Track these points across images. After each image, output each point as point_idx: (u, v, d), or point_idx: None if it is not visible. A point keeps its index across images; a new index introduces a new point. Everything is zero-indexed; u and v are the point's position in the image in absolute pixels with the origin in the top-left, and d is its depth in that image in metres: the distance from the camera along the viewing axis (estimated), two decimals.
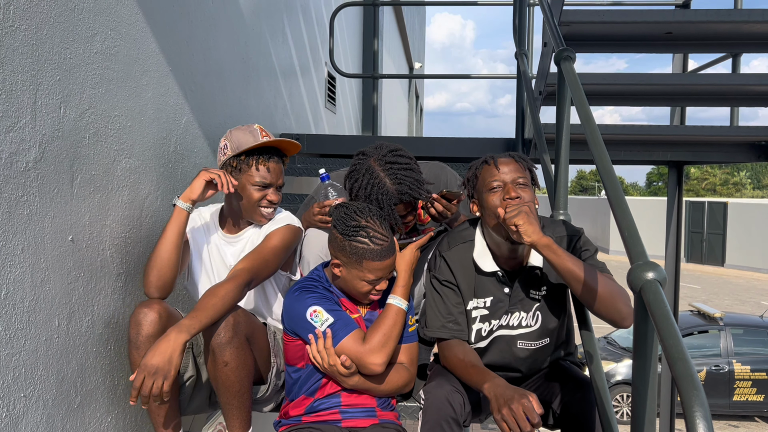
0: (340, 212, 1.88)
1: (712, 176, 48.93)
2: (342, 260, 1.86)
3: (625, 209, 1.45)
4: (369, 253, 1.82)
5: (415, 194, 1.97)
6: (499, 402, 1.60)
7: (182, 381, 1.94)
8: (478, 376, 1.75)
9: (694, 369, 1.03)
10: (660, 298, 1.17)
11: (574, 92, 1.96)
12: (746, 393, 10.00)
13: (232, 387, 1.82)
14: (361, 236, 1.82)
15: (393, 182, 1.95)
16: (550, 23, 2.43)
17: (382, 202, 1.94)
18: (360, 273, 1.85)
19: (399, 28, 11.52)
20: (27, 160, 1.56)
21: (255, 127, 2.03)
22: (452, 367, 1.88)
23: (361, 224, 1.83)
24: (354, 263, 1.84)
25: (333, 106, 5.93)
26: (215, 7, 2.84)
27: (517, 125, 3.72)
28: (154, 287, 1.90)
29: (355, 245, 1.82)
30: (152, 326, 1.80)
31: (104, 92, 1.91)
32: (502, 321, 1.93)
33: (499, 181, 1.84)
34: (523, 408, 1.55)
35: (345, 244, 1.83)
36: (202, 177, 1.95)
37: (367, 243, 1.82)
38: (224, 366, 1.79)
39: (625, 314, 1.71)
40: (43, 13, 1.61)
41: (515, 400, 1.57)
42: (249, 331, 1.87)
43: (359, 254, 1.82)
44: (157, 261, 1.90)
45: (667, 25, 2.79)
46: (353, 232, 1.82)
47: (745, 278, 22.38)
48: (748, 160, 3.68)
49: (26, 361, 1.59)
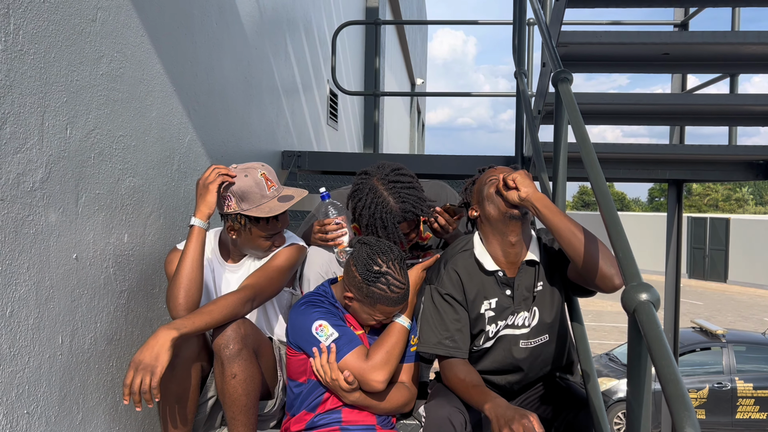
0: (363, 252, 1.88)
1: (714, 192, 48.90)
2: (355, 296, 1.90)
3: (619, 230, 1.47)
4: (385, 300, 1.86)
5: (417, 212, 2.00)
6: (500, 422, 1.62)
7: (204, 399, 1.96)
8: (479, 397, 1.76)
9: (685, 390, 1.05)
10: (653, 319, 1.19)
11: (571, 114, 1.99)
12: (749, 411, 9.93)
13: (239, 400, 1.83)
14: (381, 283, 1.84)
15: (396, 201, 1.98)
16: (548, 45, 2.47)
17: (386, 221, 1.97)
18: (370, 311, 1.90)
19: (401, 45, 11.63)
20: (34, 180, 1.60)
21: (260, 177, 1.97)
22: (453, 386, 1.89)
23: (382, 270, 1.85)
24: (367, 304, 1.88)
25: (335, 123, 5.99)
26: (219, 28, 2.89)
27: (517, 143, 3.76)
28: (183, 308, 1.86)
29: (373, 290, 1.85)
30: (190, 349, 1.83)
31: (109, 113, 1.94)
32: (508, 321, 1.96)
33: (497, 175, 1.94)
34: (524, 428, 1.57)
35: (363, 286, 1.86)
36: (212, 189, 1.92)
37: (385, 290, 1.85)
38: (232, 378, 1.80)
39: (615, 272, 1.77)
40: (50, 37, 1.65)
41: (516, 421, 1.59)
42: (256, 344, 1.89)
43: (375, 298, 1.86)
44: (184, 281, 1.87)
45: (665, 47, 2.84)
46: (374, 278, 1.84)
47: (747, 295, 22.29)
48: (747, 178, 3.71)
49: (30, 378, 1.61)
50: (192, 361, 1.83)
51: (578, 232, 1.77)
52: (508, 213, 1.85)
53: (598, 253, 1.76)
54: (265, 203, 1.96)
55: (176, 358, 1.78)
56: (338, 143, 6.23)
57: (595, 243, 1.77)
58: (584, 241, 1.76)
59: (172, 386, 1.82)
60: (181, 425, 1.87)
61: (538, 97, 3.26)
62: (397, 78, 11.22)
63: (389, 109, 9.73)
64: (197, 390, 1.90)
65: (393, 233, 1.98)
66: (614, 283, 1.77)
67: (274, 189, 2.00)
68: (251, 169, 1.99)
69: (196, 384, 1.88)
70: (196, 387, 1.88)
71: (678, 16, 4.69)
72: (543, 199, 1.82)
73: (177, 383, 1.82)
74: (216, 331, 1.82)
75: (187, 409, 1.87)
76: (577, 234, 1.77)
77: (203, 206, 1.92)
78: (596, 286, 1.82)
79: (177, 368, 1.80)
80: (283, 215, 2.02)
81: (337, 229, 2.15)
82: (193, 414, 1.90)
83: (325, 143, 5.61)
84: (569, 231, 1.78)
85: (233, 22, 3.11)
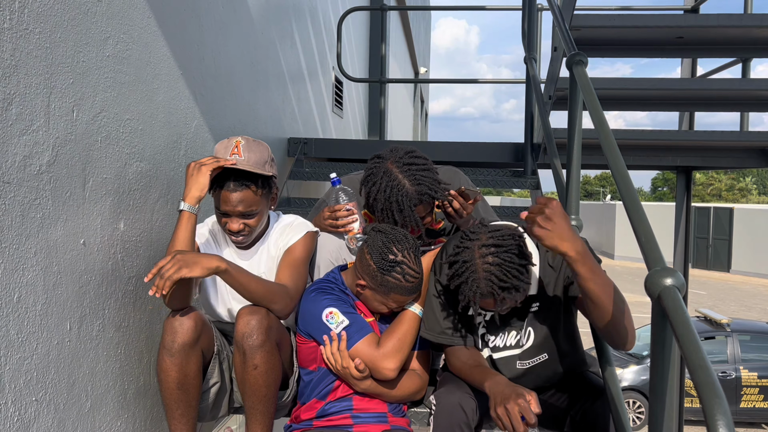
0: (378, 241, 1.84)
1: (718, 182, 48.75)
2: (368, 284, 1.86)
3: (641, 215, 1.44)
4: (399, 289, 1.83)
5: (434, 194, 1.97)
6: (496, 400, 1.58)
7: (207, 387, 1.93)
8: (480, 375, 1.72)
9: (715, 376, 1.02)
10: (679, 304, 1.16)
11: (587, 96, 1.95)
12: (753, 400, 9.93)
13: (260, 391, 1.81)
14: (396, 272, 1.81)
15: (412, 183, 1.94)
16: (561, 28, 2.42)
17: (402, 204, 1.93)
18: (383, 300, 1.87)
19: (405, 33, 11.54)
20: (40, 163, 1.56)
21: (233, 143, 1.91)
22: (457, 371, 1.84)
23: (398, 260, 1.82)
24: (380, 292, 1.85)
25: (340, 110, 5.94)
26: (225, 11, 2.84)
27: (526, 130, 3.71)
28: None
29: (388, 279, 1.82)
30: (188, 334, 1.79)
31: (116, 96, 1.91)
32: (498, 341, 1.88)
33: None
34: (520, 407, 1.53)
35: (377, 275, 1.83)
36: (205, 171, 1.85)
37: (400, 280, 1.82)
38: (254, 369, 1.78)
39: (631, 339, 1.67)
40: (56, 17, 1.61)
41: (512, 399, 1.54)
42: (279, 336, 1.86)
43: (389, 287, 1.83)
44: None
45: (679, 30, 2.79)
46: (389, 267, 1.81)
47: (751, 284, 22.26)
48: (759, 165, 3.67)
49: (38, 365, 1.58)
50: (190, 346, 1.79)
51: (614, 302, 1.58)
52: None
53: (623, 321, 1.62)
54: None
55: (174, 343, 1.78)
56: (343, 131, 6.18)
57: (624, 311, 1.62)
58: (615, 311, 1.60)
59: (172, 372, 1.79)
60: (185, 412, 1.84)
61: (548, 83, 3.21)
62: (401, 67, 11.15)
63: (393, 98, 9.67)
64: (199, 376, 1.86)
65: (409, 216, 1.94)
66: (625, 349, 1.71)
67: (235, 156, 1.89)
68: (236, 136, 1.96)
69: (196, 370, 1.84)
70: (197, 373, 1.85)
71: (688, 1, 4.62)
72: (585, 256, 1.54)
73: (176, 369, 1.79)
74: (240, 320, 1.79)
75: (190, 395, 1.84)
76: (613, 305, 1.59)
77: (194, 188, 1.84)
78: (607, 341, 1.75)
79: (176, 354, 1.78)
80: (234, 196, 1.86)
81: (348, 215, 2.11)
82: (196, 401, 1.87)
83: (331, 131, 5.57)
84: (607, 300, 1.57)
85: (240, 6, 3.06)
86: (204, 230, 2.09)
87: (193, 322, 1.80)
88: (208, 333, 1.89)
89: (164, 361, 1.79)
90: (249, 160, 1.90)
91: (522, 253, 1.67)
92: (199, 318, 1.83)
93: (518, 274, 1.64)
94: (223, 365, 1.97)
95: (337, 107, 5.77)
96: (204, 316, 1.88)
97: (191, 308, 1.85)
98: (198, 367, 1.85)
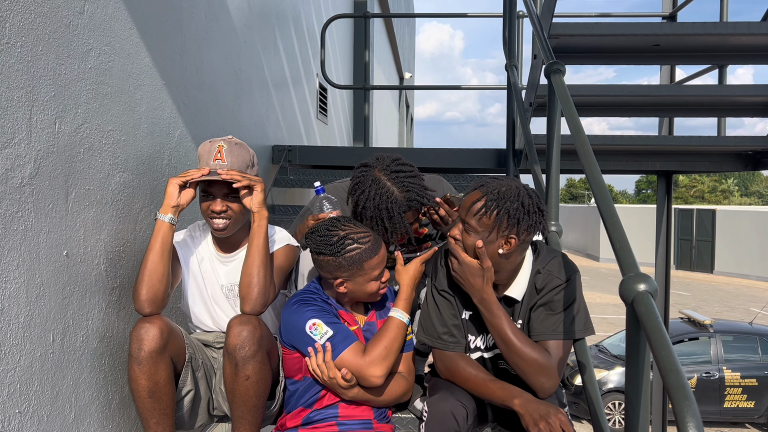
0: (315, 238, 1.89)
1: (701, 184, 49.32)
2: (343, 276, 1.88)
3: (615, 221, 1.47)
4: (365, 254, 1.85)
5: (422, 200, 2.00)
6: (534, 417, 1.64)
7: (180, 396, 1.94)
8: (502, 392, 1.76)
9: (685, 380, 1.05)
10: (651, 309, 1.19)
11: (564, 105, 1.99)
12: (737, 400, 10.05)
13: (250, 401, 1.82)
14: (349, 244, 1.85)
15: (401, 190, 1.97)
16: (539, 36, 2.46)
17: (391, 211, 1.95)
18: (365, 276, 1.88)
19: (389, 39, 11.59)
20: (22, 175, 1.57)
21: (215, 147, 1.96)
22: (463, 381, 1.85)
23: (341, 234, 1.86)
24: (356, 271, 1.86)
25: (325, 117, 5.96)
26: (208, 21, 2.86)
27: (508, 136, 3.76)
28: (145, 301, 1.86)
29: (350, 256, 1.84)
30: (154, 341, 1.79)
31: (98, 107, 1.91)
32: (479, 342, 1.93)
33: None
34: (560, 422, 1.61)
35: (339, 260, 1.85)
36: (172, 182, 1.92)
37: (359, 247, 1.85)
38: (245, 380, 1.79)
39: (545, 388, 1.74)
40: (38, 30, 1.62)
41: (552, 415, 1.62)
42: (269, 346, 1.88)
43: (357, 261, 1.85)
44: (145, 275, 1.87)
45: (655, 38, 2.84)
46: (340, 246, 1.84)
47: (734, 285, 22.53)
48: (735, 169, 3.74)
49: (21, 377, 1.59)
50: (158, 353, 1.79)
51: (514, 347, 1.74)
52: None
53: (532, 372, 1.74)
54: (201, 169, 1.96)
55: (140, 351, 1.78)
56: (328, 137, 6.20)
57: (533, 363, 1.74)
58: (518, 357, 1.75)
59: (141, 380, 1.80)
60: (160, 420, 1.84)
61: (529, 89, 3.25)
62: (386, 72, 11.19)
63: (378, 103, 9.71)
64: (170, 384, 1.86)
65: (399, 223, 1.97)
66: (540, 397, 1.76)
67: (218, 162, 1.94)
68: (219, 139, 1.99)
69: (167, 377, 1.84)
70: (167, 380, 1.84)
71: (666, 8, 4.70)
72: (486, 301, 1.77)
73: (146, 377, 1.79)
74: (231, 331, 1.81)
75: (163, 403, 1.84)
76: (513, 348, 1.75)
77: (165, 198, 1.93)
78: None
79: (143, 362, 1.78)
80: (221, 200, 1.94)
81: None
82: (171, 409, 1.87)
83: (315, 137, 5.59)
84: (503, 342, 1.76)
85: (222, 15, 3.07)
86: (183, 234, 2.12)
87: (158, 330, 1.80)
88: (176, 340, 1.89)
89: (133, 370, 1.80)
90: (232, 165, 1.95)
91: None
92: (166, 325, 1.84)
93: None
94: (198, 373, 1.98)
95: (321, 114, 5.79)
96: (171, 323, 1.89)
97: (158, 316, 1.86)
98: (168, 375, 1.85)
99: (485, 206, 1.74)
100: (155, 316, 1.86)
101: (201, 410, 2.02)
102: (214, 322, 2.10)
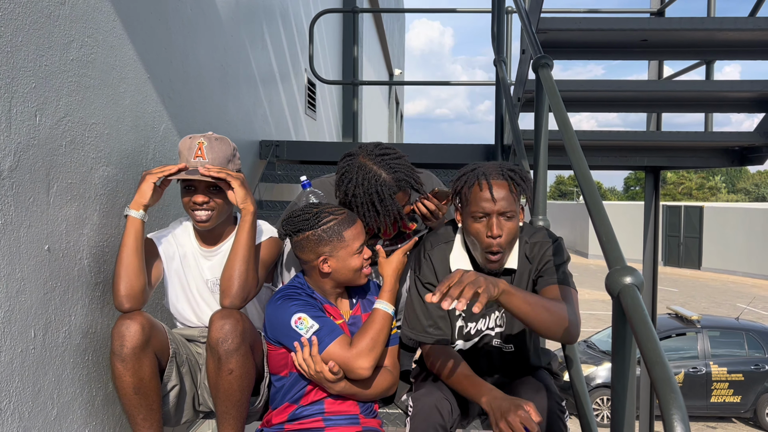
0: (291, 221, 1.91)
1: (688, 180, 49.69)
2: (325, 251, 1.88)
3: (602, 215, 1.47)
4: (343, 224, 1.89)
5: (411, 180, 1.98)
6: (496, 415, 1.63)
7: (165, 391, 1.92)
8: (474, 389, 1.76)
9: (671, 372, 1.05)
10: (638, 302, 1.19)
11: (552, 99, 1.99)
12: (723, 394, 10.14)
13: (233, 396, 1.80)
14: (325, 217, 1.88)
15: (388, 172, 1.95)
16: (528, 31, 2.45)
17: (382, 194, 1.93)
18: (347, 248, 1.88)
19: (379, 35, 11.57)
20: (2, 168, 1.54)
21: (195, 144, 1.94)
22: (443, 376, 1.87)
23: (316, 211, 1.90)
24: (337, 243, 1.87)
25: (313, 112, 5.93)
26: (194, 13, 2.83)
27: (497, 132, 3.75)
28: (124, 296, 1.85)
29: (328, 226, 1.87)
30: (136, 337, 1.77)
31: (81, 100, 1.89)
32: (480, 325, 1.94)
33: (483, 212, 1.80)
34: (521, 419, 1.58)
35: (319, 233, 1.87)
36: (148, 180, 1.90)
37: (335, 218, 1.89)
38: (229, 374, 1.78)
39: (573, 334, 1.73)
40: (18, 21, 1.59)
41: (512, 412, 1.60)
42: (252, 340, 1.86)
43: (337, 231, 1.87)
44: (121, 271, 1.86)
45: (643, 33, 2.85)
46: (316, 219, 1.87)
47: (721, 281, 22.73)
48: (723, 165, 3.75)
49: (1, 374, 1.56)
50: (141, 349, 1.78)
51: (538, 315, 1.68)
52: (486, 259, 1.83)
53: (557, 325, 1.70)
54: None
55: (123, 348, 1.77)
56: (316, 133, 6.17)
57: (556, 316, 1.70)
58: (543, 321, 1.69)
59: (126, 377, 1.78)
60: (147, 416, 1.83)
61: (517, 85, 3.25)
62: (376, 68, 11.17)
63: (368, 99, 9.68)
64: (155, 379, 1.85)
65: (390, 205, 1.95)
66: (570, 342, 1.76)
67: (199, 159, 1.92)
68: (199, 135, 1.97)
69: (151, 373, 1.82)
70: (152, 376, 1.83)
71: (654, 4, 4.71)
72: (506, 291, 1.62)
73: (130, 374, 1.78)
74: (213, 325, 1.79)
75: (149, 399, 1.83)
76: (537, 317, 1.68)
77: (137, 195, 1.91)
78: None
79: (126, 358, 1.77)
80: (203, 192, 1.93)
81: None
82: (158, 404, 1.86)
83: (304, 133, 5.56)
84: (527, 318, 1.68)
85: (208, 8, 3.04)
86: (165, 231, 2.11)
87: (139, 326, 1.79)
88: (159, 336, 1.87)
89: (117, 367, 1.78)
90: (213, 161, 1.93)
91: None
92: (147, 320, 1.82)
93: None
94: (182, 368, 1.96)
95: (310, 109, 5.76)
96: (153, 319, 1.87)
97: (138, 312, 1.84)
98: (153, 371, 1.83)
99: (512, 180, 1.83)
100: (135, 312, 1.84)
101: (186, 406, 2.00)
102: (198, 318, 2.09)
